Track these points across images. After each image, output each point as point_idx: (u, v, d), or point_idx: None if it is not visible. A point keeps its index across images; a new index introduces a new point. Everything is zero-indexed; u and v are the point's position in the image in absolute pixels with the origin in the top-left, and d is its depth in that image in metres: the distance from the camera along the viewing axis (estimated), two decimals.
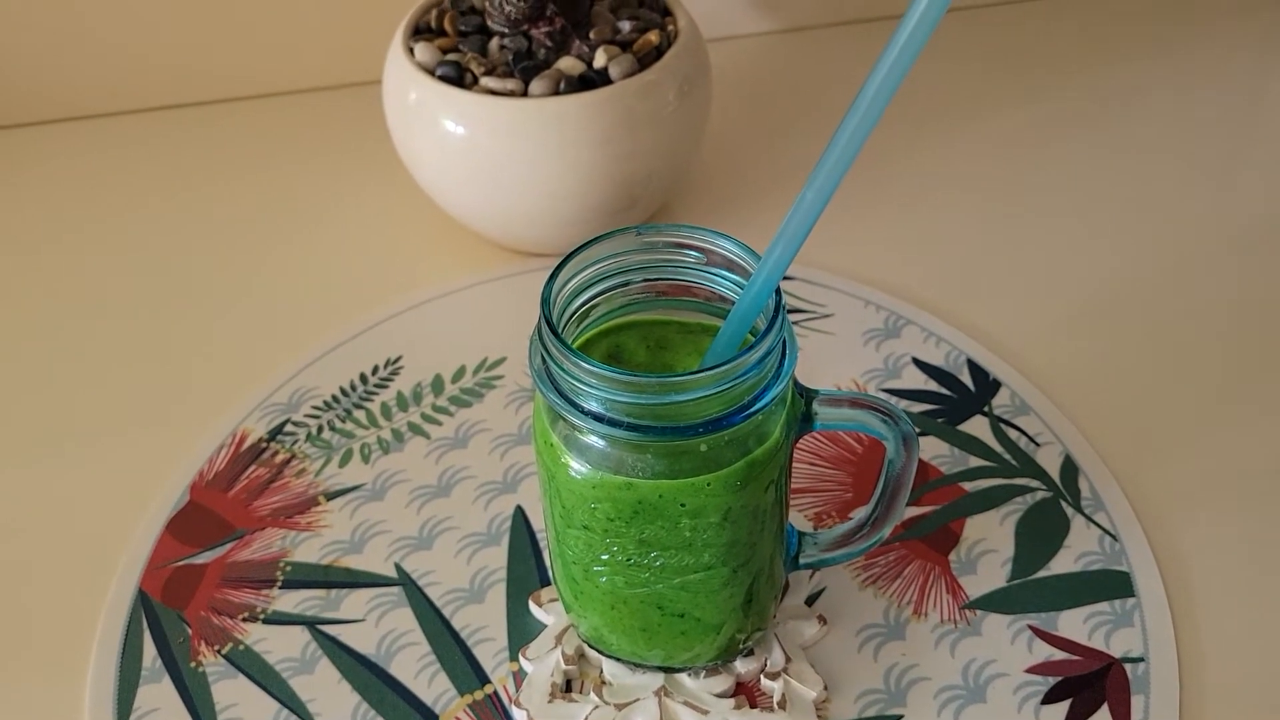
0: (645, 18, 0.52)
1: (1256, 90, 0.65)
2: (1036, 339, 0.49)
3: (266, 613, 0.40)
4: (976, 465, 0.44)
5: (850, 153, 0.28)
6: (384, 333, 0.51)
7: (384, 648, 0.39)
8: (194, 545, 0.42)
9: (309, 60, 0.66)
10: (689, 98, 0.50)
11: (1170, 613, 0.39)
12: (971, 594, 0.40)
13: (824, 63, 0.68)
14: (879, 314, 0.50)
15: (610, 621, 0.35)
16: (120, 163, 0.62)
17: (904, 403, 0.46)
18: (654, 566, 0.33)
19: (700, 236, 0.33)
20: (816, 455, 0.44)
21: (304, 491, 0.44)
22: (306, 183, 0.60)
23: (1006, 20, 0.71)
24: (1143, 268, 0.53)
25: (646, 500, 0.31)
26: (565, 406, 0.30)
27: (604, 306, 0.34)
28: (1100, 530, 0.41)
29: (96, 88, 0.65)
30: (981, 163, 0.60)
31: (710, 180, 0.59)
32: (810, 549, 0.37)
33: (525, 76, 0.49)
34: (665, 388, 0.29)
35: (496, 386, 0.48)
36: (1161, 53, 0.67)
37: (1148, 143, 0.61)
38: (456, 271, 0.54)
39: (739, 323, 0.31)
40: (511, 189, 0.49)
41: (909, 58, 0.26)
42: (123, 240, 0.57)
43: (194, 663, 0.39)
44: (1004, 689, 0.37)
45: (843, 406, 0.33)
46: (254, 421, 0.47)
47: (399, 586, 0.41)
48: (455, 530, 0.42)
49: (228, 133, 0.64)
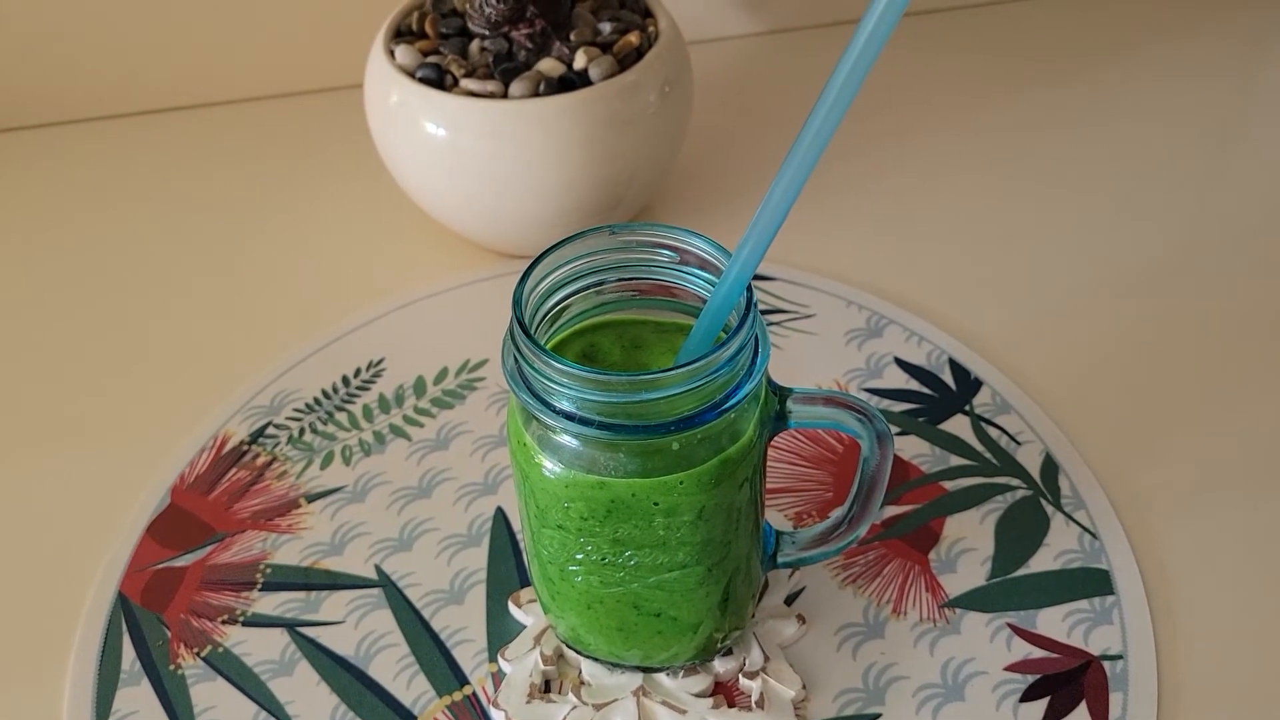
0: (626, 19, 0.52)
1: (1240, 92, 0.65)
2: (1018, 338, 0.49)
3: (246, 615, 0.40)
4: (957, 464, 0.44)
5: (816, 149, 0.28)
6: (366, 335, 0.51)
7: (363, 649, 0.39)
8: (174, 548, 0.42)
9: (291, 64, 0.66)
10: (670, 99, 0.50)
11: (1149, 610, 0.39)
12: (951, 592, 0.40)
13: (805, 64, 0.68)
14: (861, 314, 0.50)
15: (587, 621, 0.35)
16: (101, 167, 0.62)
17: (885, 402, 0.46)
18: (629, 565, 0.33)
19: (674, 236, 0.33)
20: (797, 455, 0.44)
21: (285, 494, 0.44)
22: (289, 186, 0.60)
23: (988, 19, 0.71)
24: (1124, 267, 0.53)
25: (620, 499, 0.31)
26: (537, 406, 0.30)
27: (578, 306, 0.34)
28: (1080, 528, 0.41)
29: (77, 93, 0.65)
30: (963, 162, 0.60)
31: (692, 181, 0.59)
32: (788, 548, 0.37)
33: (506, 78, 0.49)
34: (636, 386, 0.29)
35: (478, 388, 0.48)
36: (1145, 54, 0.67)
37: (1130, 142, 0.61)
38: (439, 273, 0.54)
39: (711, 320, 0.31)
40: (493, 190, 0.49)
41: (872, 53, 0.26)
42: (103, 243, 0.57)
43: (173, 665, 0.39)
44: (983, 687, 0.37)
45: (817, 404, 0.33)
46: (236, 424, 0.47)
47: (379, 588, 0.41)
48: (436, 532, 0.42)
49: (209, 136, 0.64)
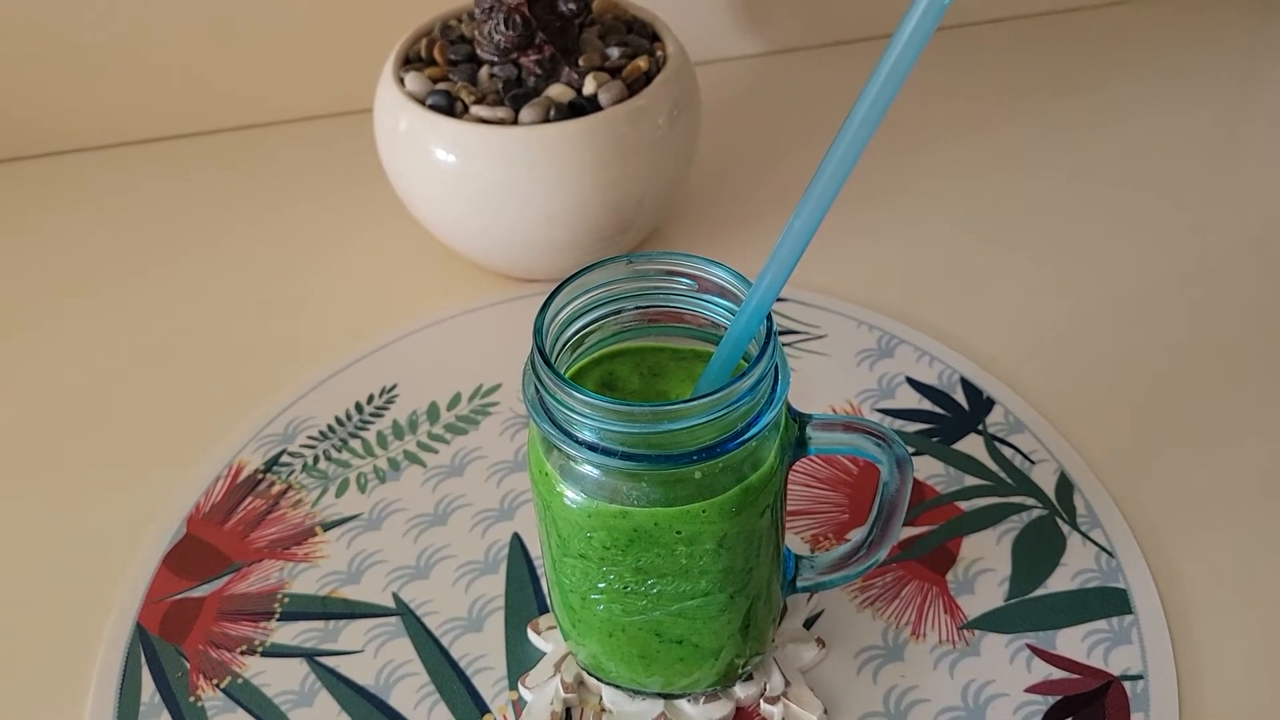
0: (634, 44, 0.52)
1: (1242, 110, 0.66)
2: (1030, 357, 0.49)
3: (265, 645, 0.40)
4: (972, 484, 0.44)
5: (837, 180, 0.28)
6: (378, 361, 0.51)
7: (383, 678, 0.39)
8: (191, 579, 0.42)
9: (301, 90, 0.66)
10: (679, 122, 0.51)
11: (1168, 629, 0.39)
12: (969, 614, 0.40)
13: (812, 84, 0.68)
14: (872, 334, 0.51)
15: (608, 649, 0.35)
16: (109, 195, 0.63)
17: (898, 422, 0.47)
18: (651, 594, 0.33)
19: (692, 264, 0.33)
20: (812, 477, 0.45)
21: (301, 522, 0.44)
22: (299, 212, 0.61)
23: (997, 40, 0.72)
24: (1136, 286, 0.53)
25: (642, 528, 0.31)
26: (560, 436, 0.31)
27: (597, 334, 0.34)
28: (1096, 547, 0.41)
29: (83, 121, 0.65)
30: (973, 181, 0.60)
31: (702, 203, 0.59)
32: (807, 572, 0.37)
33: (515, 104, 0.49)
34: (659, 416, 0.29)
35: (492, 413, 0.48)
36: (1150, 74, 0.68)
37: (1138, 161, 0.61)
38: (450, 299, 0.54)
39: (731, 349, 0.32)
40: (503, 216, 0.49)
41: (892, 88, 0.26)
42: (114, 272, 0.57)
43: (193, 697, 0.39)
44: (1004, 709, 0.37)
45: (836, 431, 0.34)
46: (250, 453, 0.47)
47: (397, 616, 0.41)
48: (453, 559, 0.42)
49: (218, 165, 0.65)
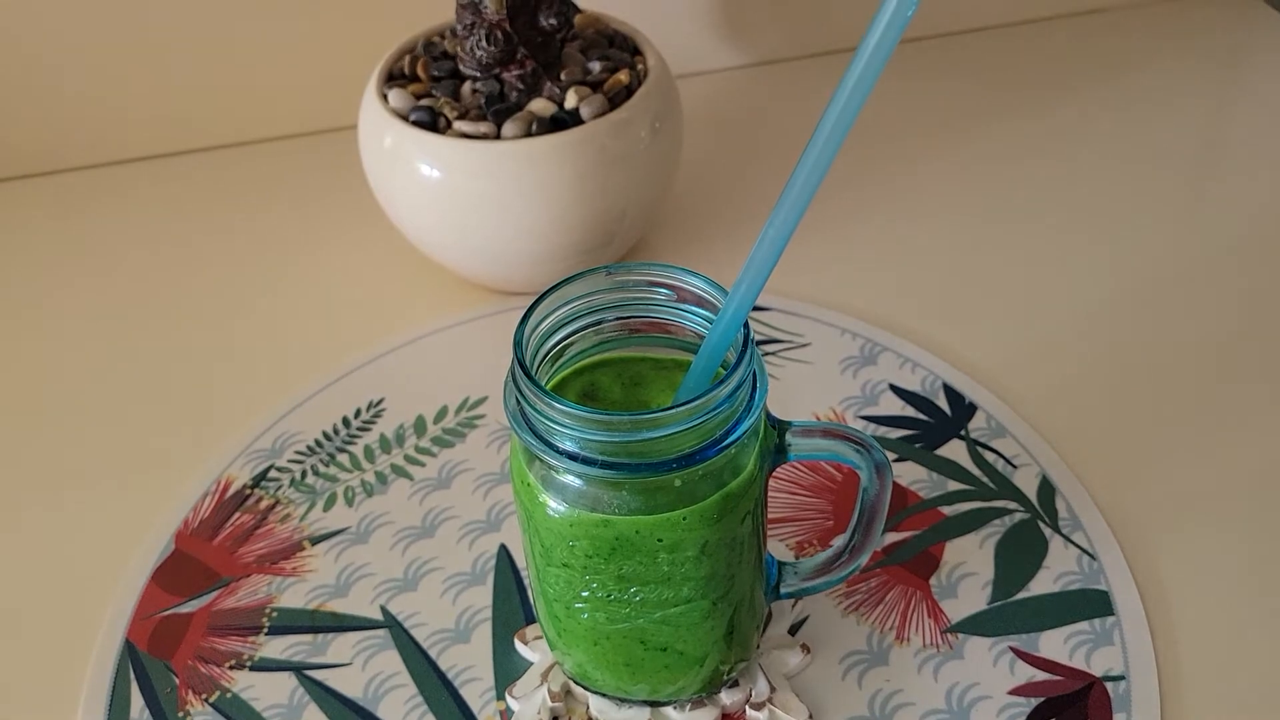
0: (615, 57, 0.52)
1: (1225, 113, 0.66)
2: (1012, 362, 0.50)
3: (253, 660, 0.40)
4: (955, 489, 0.44)
5: (809, 189, 0.29)
6: (365, 376, 0.51)
7: (371, 691, 0.39)
8: (180, 594, 0.42)
9: (285, 107, 0.67)
10: (661, 135, 0.51)
11: (1150, 630, 0.39)
12: (953, 617, 0.40)
13: (793, 95, 0.69)
14: (855, 341, 0.51)
15: (594, 657, 0.35)
16: (97, 215, 0.63)
17: (882, 429, 0.47)
18: (634, 602, 0.33)
19: (670, 274, 0.34)
20: (796, 484, 0.45)
21: (289, 537, 0.44)
22: (284, 228, 0.61)
23: (979, 45, 0.72)
24: (1116, 290, 0.54)
25: (624, 537, 0.31)
26: (541, 447, 0.31)
27: (578, 345, 0.35)
28: (1078, 550, 0.42)
29: (68, 141, 0.65)
30: (955, 187, 0.61)
31: (685, 214, 0.60)
32: (790, 578, 0.37)
33: (498, 119, 0.49)
34: (638, 425, 0.30)
35: (478, 426, 0.48)
36: (1133, 78, 0.68)
37: (1121, 166, 0.62)
38: (436, 312, 0.54)
39: (709, 358, 0.32)
40: (488, 230, 0.50)
41: (859, 97, 0.26)
42: (102, 290, 0.58)
43: (182, 713, 0.39)
44: (988, 711, 0.37)
45: (815, 437, 0.34)
46: (238, 468, 0.47)
47: (385, 629, 0.41)
48: (440, 571, 0.43)
49: (204, 182, 0.65)
